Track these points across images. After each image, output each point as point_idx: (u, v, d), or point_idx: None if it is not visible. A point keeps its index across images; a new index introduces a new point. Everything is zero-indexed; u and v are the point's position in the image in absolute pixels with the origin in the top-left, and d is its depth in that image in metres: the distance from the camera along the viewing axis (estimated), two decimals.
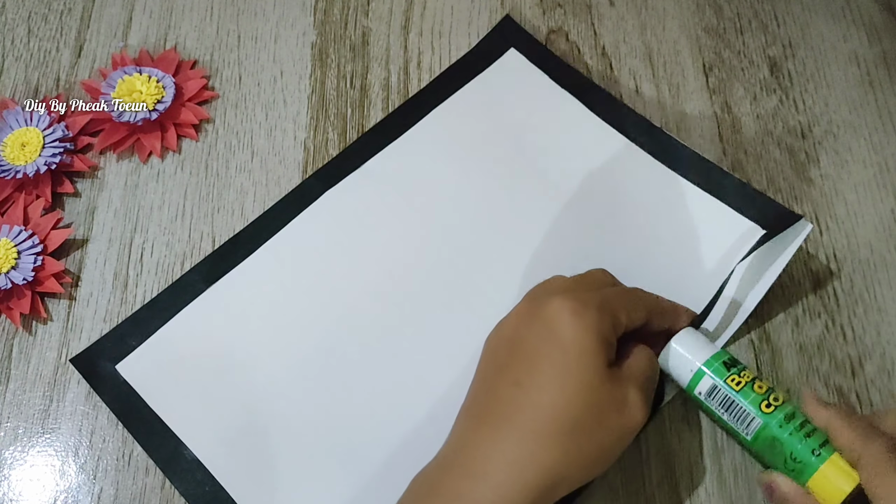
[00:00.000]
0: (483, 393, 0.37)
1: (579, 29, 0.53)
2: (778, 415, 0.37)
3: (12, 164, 0.48)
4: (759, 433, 0.37)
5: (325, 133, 0.50)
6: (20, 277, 0.45)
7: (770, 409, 0.37)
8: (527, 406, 0.35)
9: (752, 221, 0.45)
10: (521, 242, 0.46)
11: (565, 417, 0.34)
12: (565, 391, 0.35)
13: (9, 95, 0.52)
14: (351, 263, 0.46)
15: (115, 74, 0.51)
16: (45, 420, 0.43)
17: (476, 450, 0.35)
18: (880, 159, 0.47)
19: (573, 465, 0.34)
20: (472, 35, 0.53)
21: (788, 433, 0.36)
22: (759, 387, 0.38)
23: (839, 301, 0.44)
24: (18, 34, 0.54)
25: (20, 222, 0.47)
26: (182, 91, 0.51)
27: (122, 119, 0.49)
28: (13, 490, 0.41)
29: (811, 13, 0.52)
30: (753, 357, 0.43)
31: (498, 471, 0.34)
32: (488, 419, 0.36)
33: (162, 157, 0.50)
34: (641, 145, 0.48)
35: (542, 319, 0.36)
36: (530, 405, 0.35)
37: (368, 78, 0.52)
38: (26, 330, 0.45)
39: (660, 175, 0.47)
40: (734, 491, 0.40)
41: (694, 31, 0.52)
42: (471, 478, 0.34)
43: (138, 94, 0.49)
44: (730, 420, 0.38)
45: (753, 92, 0.50)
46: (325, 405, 0.42)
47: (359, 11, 0.54)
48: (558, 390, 0.35)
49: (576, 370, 0.35)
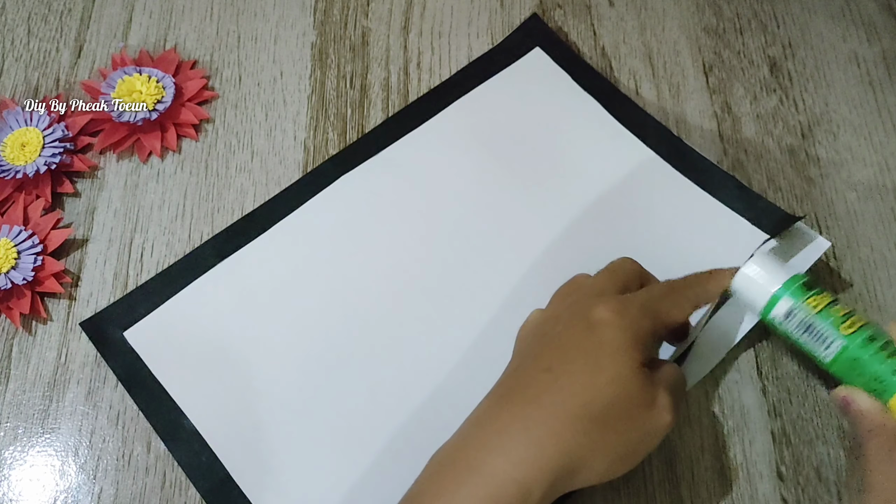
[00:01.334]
0: (512, 378, 0.37)
1: (579, 29, 0.53)
2: (860, 335, 0.36)
3: (12, 165, 0.48)
4: (840, 355, 0.36)
5: (325, 133, 0.50)
6: (20, 277, 0.45)
7: (851, 329, 0.36)
8: (555, 389, 0.34)
9: (766, 233, 0.45)
10: (531, 239, 0.46)
11: (593, 404, 0.34)
12: (596, 380, 0.34)
13: (9, 95, 0.52)
14: (361, 248, 0.46)
15: (115, 75, 0.51)
16: (44, 420, 0.43)
17: (497, 424, 0.34)
18: (880, 159, 0.47)
19: (597, 452, 0.34)
20: (471, 35, 0.53)
21: (870, 353, 0.36)
22: (838, 309, 0.37)
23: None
24: (18, 35, 0.54)
25: (20, 222, 0.46)
26: (182, 91, 0.51)
27: (122, 119, 0.49)
28: (13, 490, 0.41)
29: (811, 13, 0.52)
30: (753, 353, 0.43)
31: (518, 446, 0.33)
32: (514, 398, 0.35)
33: (162, 157, 0.50)
34: (660, 153, 0.48)
35: (584, 320, 0.36)
36: (559, 389, 0.34)
37: (368, 78, 0.52)
38: (26, 330, 0.45)
39: (677, 184, 0.47)
40: (736, 489, 0.40)
41: (694, 32, 0.52)
42: (489, 451, 0.34)
43: (138, 95, 0.49)
44: (809, 342, 0.37)
45: (753, 92, 0.50)
46: (325, 386, 0.43)
47: (358, 12, 0.54)
48: (589, 378, 0.34)
49: (609, 363, 0.34)
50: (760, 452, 0.41)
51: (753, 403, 0.42)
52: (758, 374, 0.42)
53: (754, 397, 0.42)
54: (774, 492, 0.40)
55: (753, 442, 0.41)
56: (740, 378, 0.42)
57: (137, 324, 0.45)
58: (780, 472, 0.40)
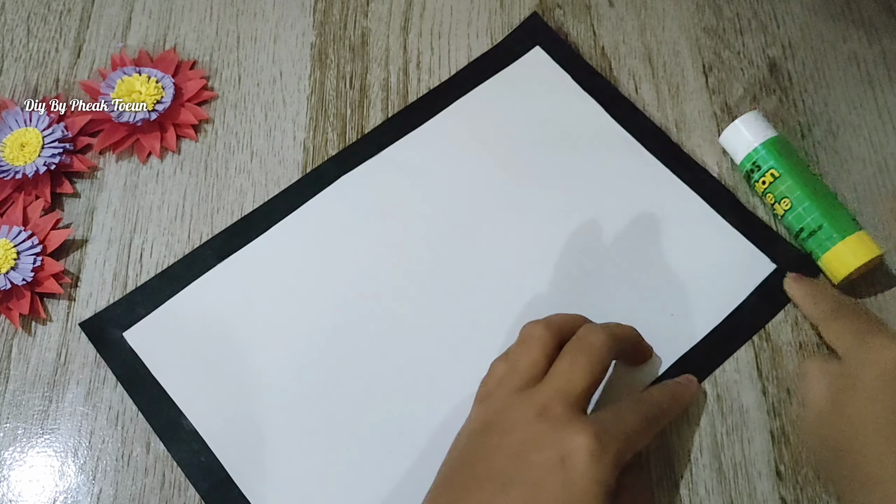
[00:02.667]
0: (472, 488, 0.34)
1: (579, 30, 0.53)
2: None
3: (12, 165, 0.48)
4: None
5: (325, 133, 0.50)
6: (19, 278, 0.45)
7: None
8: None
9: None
10: (530, 238, 0.46)
11: None
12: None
13: (8, 96, 0.52)
14: (361, 248, 0.46)
15: (115, 75, 0.51)
16: (44, 421, 0.43)
17: None
18: (880, 159, 0.47)
19: None
20: (471, 36, 0.53)
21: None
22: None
23: None
24: (18, 35, 0.54)
25: (19, 223, 0.47)
26: (181, 91, 0.51)
27: (121, 119, 0.49)
28: (13, 490, 0.41)
29: (811, 13, 0.52)
30: (754, 355, 0.43)
31: None
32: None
33: (161, 158, 0.50)
34: (658, 156, 0.48)
35: (554, 445, 0.34)
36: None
37: (368, 78, 0.52)
38: (26, 330, 0.45)
39: (673, 188, 0.47)
40: (734, 487, 0.40)
41: (693, 32, 0.52)
42: None
43: (138, 95, 0.49)
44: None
45: (753, 92, 0.50)
46: (325, 386, 0.43)
47: (358, 12, 0.54)
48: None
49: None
50: (759, 452, 0.41)
51: (753, 403, 0.42)
52: (757, 375, 0.42)
53: (754, 397, 0.42)
54: (773, 491, 0.40)
55: (752, 441, 0.41)
56: (740, 378, 0.42)
57: (137, 324, 0.45)
58: (778, 472, 0.40)
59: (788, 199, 0.43)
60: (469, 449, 0.36)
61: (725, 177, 0.47)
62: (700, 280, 0.44)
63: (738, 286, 0.44)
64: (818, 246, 0.43)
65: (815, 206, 0.43)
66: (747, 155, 0.45)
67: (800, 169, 0.44)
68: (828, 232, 0.42)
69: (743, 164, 0.46)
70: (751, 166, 0.45)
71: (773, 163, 0.44)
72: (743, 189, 0.47)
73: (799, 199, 0.43)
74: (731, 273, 0.44)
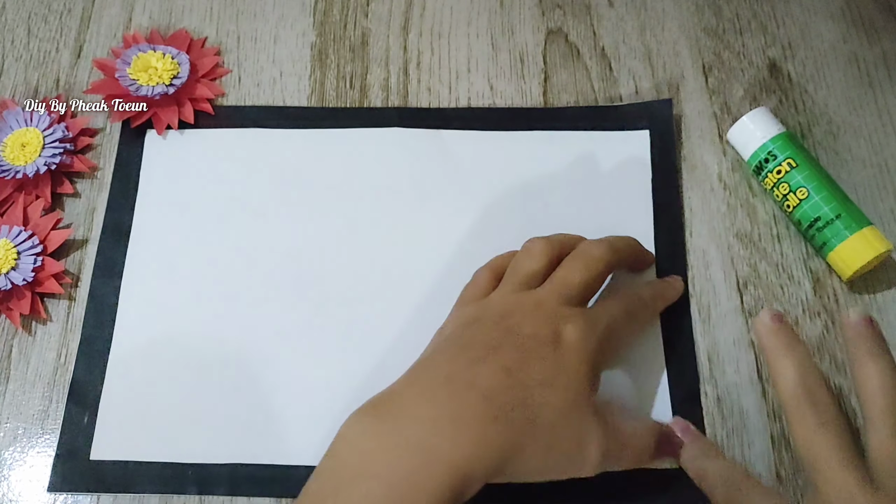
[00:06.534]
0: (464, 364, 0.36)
1: (579, 30, 0.53)
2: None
3: (12, 165, 0.48)
4: None
5: None
6: (20, 278, 0.45)
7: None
8: (510, 394, 0.35)
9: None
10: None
11: (536, 418, 0.35)
12: (547, 398, 0.35)
13: (9, 96, 0.52)
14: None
15: (130, 52, 0.51)
16: (44, 421, 0.43)
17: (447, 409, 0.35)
18: (880, 160, 0.47)
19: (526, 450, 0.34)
20: (471, 36, 0.53)
21: None
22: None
23: (839, 301, 0.44)
24: (18, 35, 0.54)
25: (20, 223, 0.47)
26: (196, 68, 0.51)
27: (139, 93, 0.49)
28: (13, 490, 0.41)
29: (811, 14, 0.52)
30: (754, 357, 0.43)
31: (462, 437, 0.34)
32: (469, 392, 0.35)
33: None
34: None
35: (551, 331, 0.37)
36: (513, 395, 0.35)
37: (368, 78, 0.52)
38: (26, 331, 0.45)
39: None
40: None
41: (693, 32, 0.52)
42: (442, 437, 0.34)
43: (154, 71, 0.50)
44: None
45: (753, 93, 0.50)
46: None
47: (358, 12, 0.54)
48: (539, 393, 0.35)
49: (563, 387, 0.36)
50: (759, 455, 0.41)
51: (753, 406, 0.42)
52: (758, 377, 0.42)
53: (754, 400, 0.42)
54: None
55: (752, 445, 0.41)
56: (740, 381, 0.42)
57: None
58: (779, 475, 0.40)
59: (805, 189, 0.43)
60: (457, 333, 0.39)
61: (725, 177, 0.47)
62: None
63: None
64: (834, 235, 0.43)
65: (833, 196, 0.43)
66: (763, 144, 0.45)
67: (814, 161, 0.45)
68: (846, 221, 0.42)
69: (756, 154, 0.45)
70: (766, 155, 0.45)
71: (790, 152, 0.44)
72: (742, 190, 0.47)
73: (817, 189, 0.43)
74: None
